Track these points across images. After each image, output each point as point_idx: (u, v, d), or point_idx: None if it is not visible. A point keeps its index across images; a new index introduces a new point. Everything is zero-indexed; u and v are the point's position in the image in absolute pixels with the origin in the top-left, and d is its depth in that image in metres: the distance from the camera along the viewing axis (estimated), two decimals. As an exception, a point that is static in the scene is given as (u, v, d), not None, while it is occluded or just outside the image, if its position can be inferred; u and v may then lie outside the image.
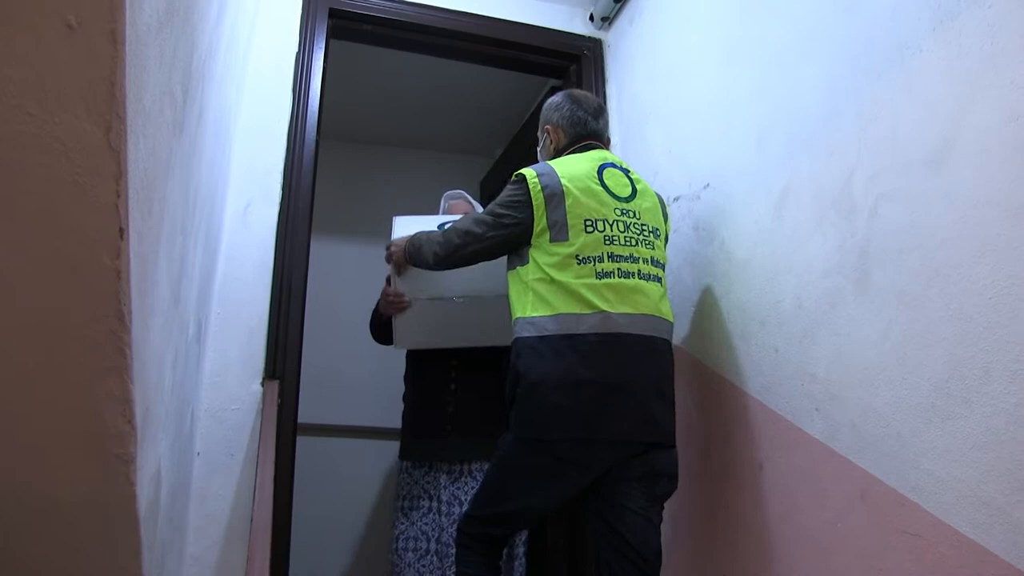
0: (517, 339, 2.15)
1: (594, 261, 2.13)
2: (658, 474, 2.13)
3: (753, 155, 2.33)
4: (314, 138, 2.90)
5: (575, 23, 3.47)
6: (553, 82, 3.59)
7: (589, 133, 2.41)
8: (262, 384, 2.59)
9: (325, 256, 3.74)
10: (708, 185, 2.52)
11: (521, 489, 2.16)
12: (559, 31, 3.42)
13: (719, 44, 2.61)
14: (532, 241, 2.19)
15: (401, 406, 3.09)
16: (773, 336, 2.14)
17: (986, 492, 1.48)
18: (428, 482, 2.85)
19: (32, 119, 1.00)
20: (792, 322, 2.08)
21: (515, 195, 2.25)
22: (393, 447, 4.17)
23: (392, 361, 4.20)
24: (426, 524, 2.80)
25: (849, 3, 1.98)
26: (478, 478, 2.80)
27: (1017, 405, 1.44)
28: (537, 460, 2.10)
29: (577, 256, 2.13)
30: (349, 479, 4.13)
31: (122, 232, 1.12)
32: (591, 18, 3.47)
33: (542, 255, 2.16)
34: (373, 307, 2.97)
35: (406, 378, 3.07)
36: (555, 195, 2.18)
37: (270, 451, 2.30)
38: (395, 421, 4.13)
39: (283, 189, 2.81)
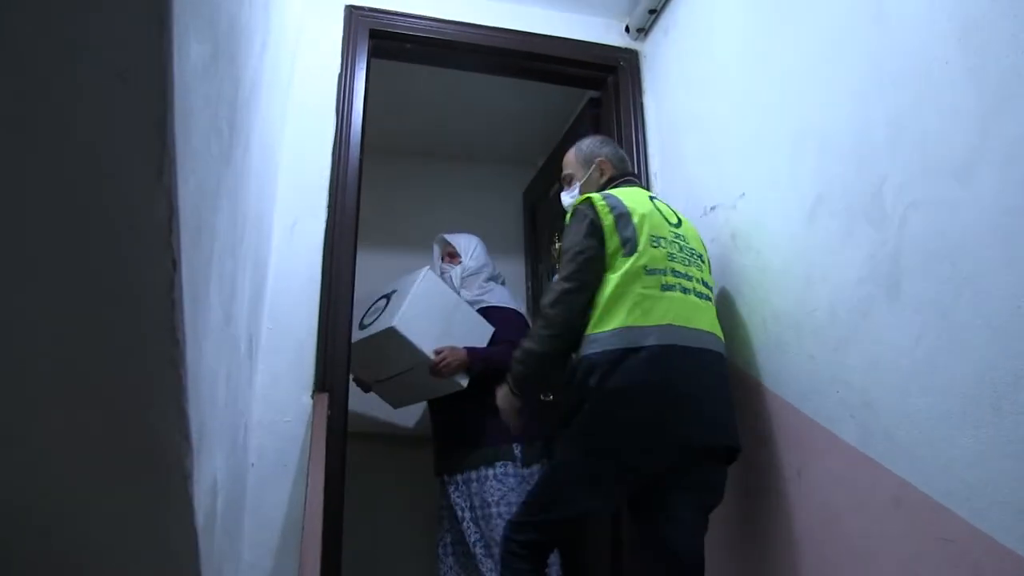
0: (583, 357, 2.19)
1: (660, 274, 2.22)
2: (711, 485, 2.23)
3: (786, 164, 2.36)
4: (358, 156, 2.99)
5: (611, 35, 3.52)
6: (591, 94, 3.63)
7: (630, 171, 2.64)
8: (312, 396, 2.68)
9: (371, 268, 3.81)
10: (744, 194, 2.55)
11: (578, 495, 2.20)
12: (595, 43, 3.46)
13: (752, 54, 2.65)
14: (607, 262, 2.25)
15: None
16: (809, 344, 2.17)
17: (1018, 498, 1.50)
18: (440, 493, 3.24)
19: (89, 161, 1.09)
20: (827, 330, 2.10)
21: (583, 225, 2.30)
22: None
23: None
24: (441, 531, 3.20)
25: (877, 14, 2.01)
26: (471, 485, 3.07)
27: (1045, 412, 1.46)
28: (600, 467, 2.16)
29: (646, 267, 2.22)
30: (398, 487, 4.20)
31: (175, 264, 1.20)
32: (627, 30, 3.52)
33: (614, 272, 2.23)
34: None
35: None
36: (623, 214, 2.28)
37: (320, 461, 2.38)
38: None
39: (328, 206, 2.90)
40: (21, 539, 1.47)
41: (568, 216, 2.41)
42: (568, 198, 2.64)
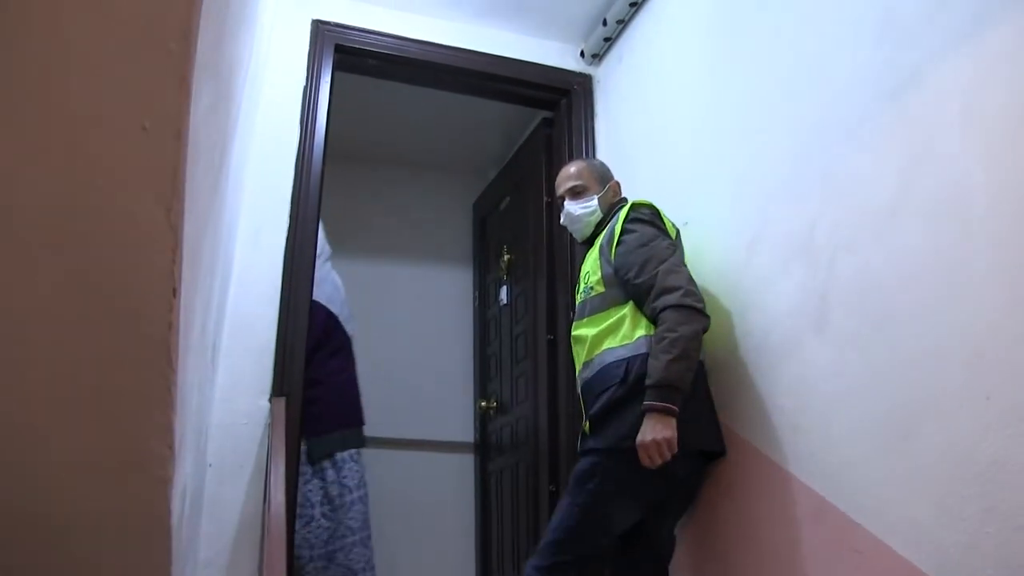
0: (640, 355, 2.28)
1: None
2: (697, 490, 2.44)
3: (728, 198, 2.54)
4: (320, 167, 3.09)
5: (567, 59, 3.67)
6: (545, 114, 3.78)
7: None
8: (270, 400, 2.78)
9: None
10: (687, 223, 2.71)
11: (620, 511, 2.30)
12: (551, 67, 3.61)
13: (701, 90, 2.82)
14: None
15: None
16: (743, 369, 2.35)
17: (917, 516, 1.70)
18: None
19: (107, 201, 1.19)
20: (760, 357, 2.28)
21: (658, 225, 2.49)
22: (393, 455, 4.38)
23: (391, 376, 4.43)
24: None
25: (818, 68, 2.20)
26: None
27: (945, 443, 1.65)
28: (643, 475, 2.22)
29: None
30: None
31: (175, 291, 1.31)
32: (582, 54, 3.67)
33: None
34: None
35: None
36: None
37: (281, 464, 2.48)
38: (400, 430, 4.35)
39: (290, 216, 3.00)
40: (10, 537, 1.56)
41: (626, 213, 2.48)
42: (580, 208, 2.63)
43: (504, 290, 4.11)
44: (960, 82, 1.73)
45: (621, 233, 2.45)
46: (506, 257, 4.11)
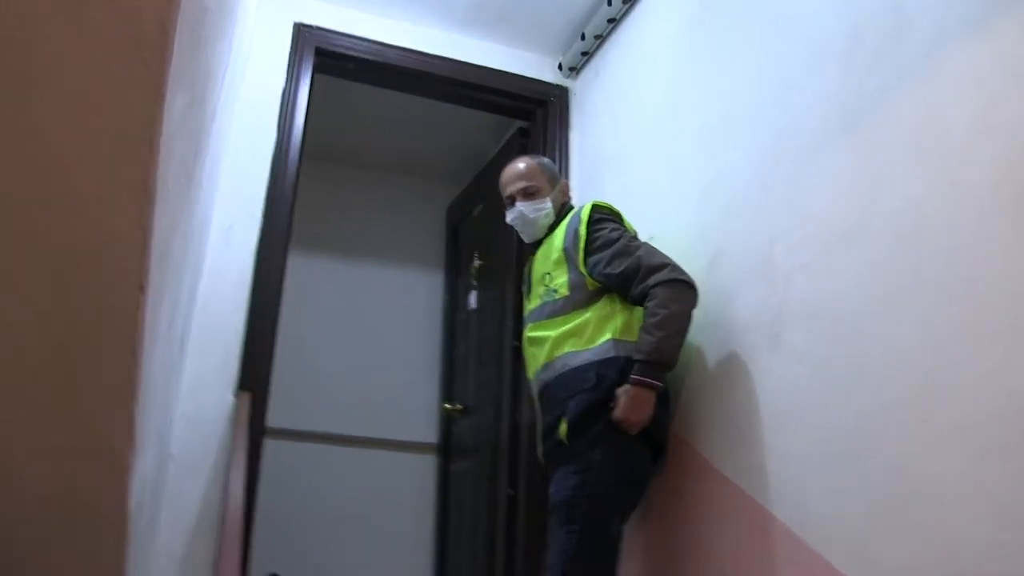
0: (608, 359, 2.32)
1: None
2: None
3: (693, 214, 2.61)
4: (296, 167, 3.13)
5: (544, 71, 3.73)
6: (520, 123, 3.84)
7: None
8: (235, 395, 2.82)
9: (297, 271, 3.92)
10: (653, 237, 2.77)
11: (617, 518, 2.31)
12: (529, 78, 3.67)
13: (671, 108, 2.89)
14: None
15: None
16: (698, 381, 2.41)
17: (855, 533, 1.77)
18: None
19: (80, 202, 1.24)
20: (715, 370, 2.35)
21: (621, 223, 2.54)
22: (361, 453, 4.39)
23: (358, 375, 4.49)
24: None
25: (783, 90, 2.27)
26: None
27: (885, 460, 1.72)
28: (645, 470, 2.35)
29: None
30: (319, 482, 4.36)
31: (142, 288, 1.35)
32: (560, 67, 3.73)
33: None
34: None
35: None
36: None
37: (242, 458, 2.52)
38: (364, 429, 4.40)
39: (264, 214, 3.04)
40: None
41: (588, 214, 2.48)
42: (534, 210, 2.62)
43: (473, 295, 4.15)
44: (917, 108, 1.80)
45: (588, 234, 2.45)
46: (477, 263, 4.16)
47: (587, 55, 3.60)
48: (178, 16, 1.12)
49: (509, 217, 2.70)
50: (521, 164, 2.73)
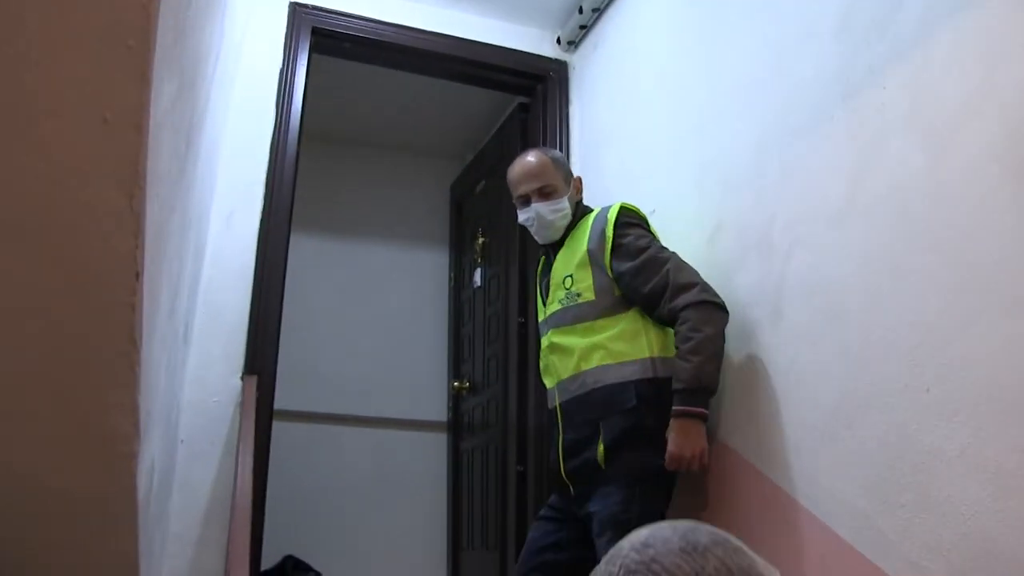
0: (648, 379, 2.22)
1: None
2: None
3: (693, 189, 2.59)
4: (295, 149, 3.12)
5: (543, 45, 3.70)
6: (521, 99, 3.81)
7: None
8: (242, 379, 2.83)
9: (301, 252, 3.92)
10: (654, 211, 2.76)
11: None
12: (528, 53, 3.64)
13: (670, 81, 2.87)
14: None
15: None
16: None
17: (858, 503, 1.77)
18: None
19: (71, 190, 1.24)
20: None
21: (648, 229, 2.43)
22: (372, 433, 4.42)
23: (367, 355, 4.51)
24: None
25: (779, 63, 2.25)
26: None
27: (885, 433, 1.72)
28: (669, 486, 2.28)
29: None
30: (331, 464, 4.39)
31: (138, 275, 1.35)
32: (558, 41, 3.70)
33: None
34: None
35: None
36: None
37: (250, 441, 2.53)
38: (375, 409, 4.42)
39: (264, 198, 3.03)
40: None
41: (616, 216, 2.36)
42: (552, 211, 2.47)
43: (478, 272, 4.16)
44: (908, 85, 1.79)
45: (614, 237, 2.32)
46: (481, 240, 4.16)
47: (585, 28, 3.56)
48: (160, 1, 1.11)
49: (522, 217, 2.54)
50: (533, 160, 2.54)
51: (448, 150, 4.96)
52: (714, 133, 2.53)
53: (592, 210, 2.49)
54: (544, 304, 2.52)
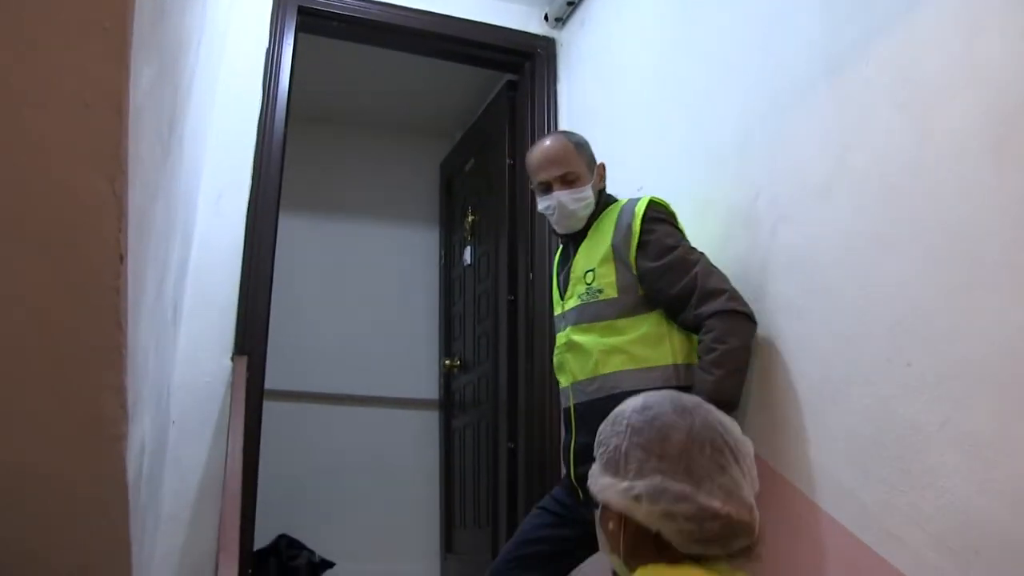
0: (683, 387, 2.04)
1: None
2: None
3: (680, 166, 2.60)
4: (283, 131, 3.12)
5: (531, 23, 3.69)
6: (509, 76, 3.81)
7: None
8: (232, 359, 2.84)
9: (291, 232, 3.93)
10: (642, 188, 2.76)
11: None
12: (515, 30, 3.63)
13: (656, 58, 2.87)
14: None
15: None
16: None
17: (841, 476, 1.79)
18: None
19: (53, 174, 1.24)
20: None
21: (677, 226, 2.27)
22: (365, 412, 4.43)
23: (359, 334, 4.52)
24: None
25: (764, 37, 2.25)
26: None
27: (868, 407, 1.74)
28: None
29: None
30: (324, 443, 4.42)
31: (122, 258, 1.36)
32: (546, 18, 3.69)
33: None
34: None
35: None
36: None
37: (240, 421, 2.55)
38: (367, 387, 4.45)
39: (252, 179, 3.03)
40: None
41: (644, 210, 2.21)
42: (576, 201, 2.32)
43: (468, 250, 4.17)
44: (895, 57, 1.79)
45: (641, 233, 2.18)
46: (471, 218, 4.17)
47: (572, 5, 3.55)
48: (136, -15, 1.11)
49: (542, 206, 2.38)
50: (555, 145, 2.39)
51: (437, 129, 4.95)
52: (700, 109, 2.54)
53: (617, 200, 2.37)
54: (561, 298, 2.39)
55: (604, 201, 2.37)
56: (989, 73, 1.56)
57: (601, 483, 1.30)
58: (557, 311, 2.42)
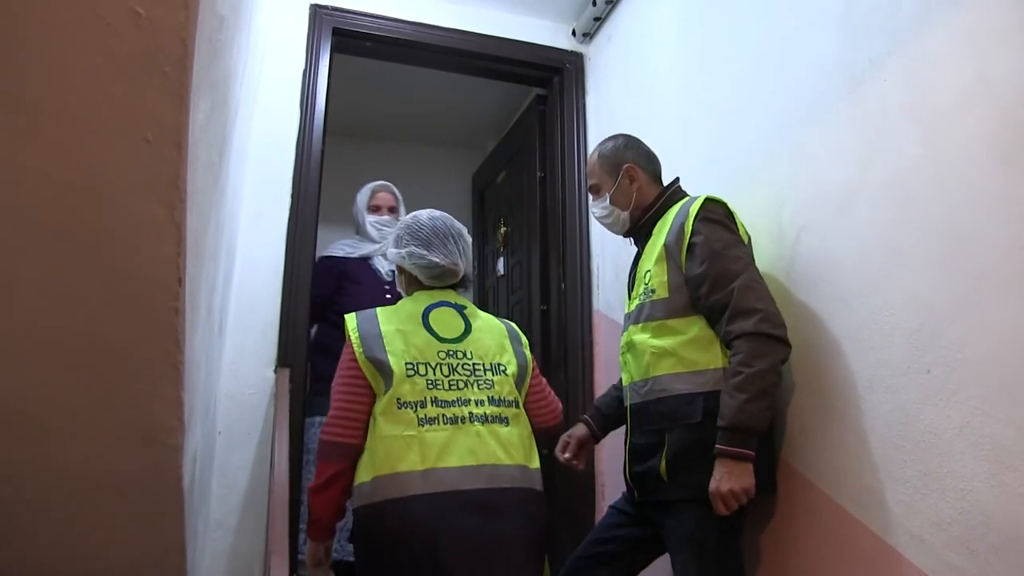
0: (717, 392, 2.05)
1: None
2: None
3: (706, 176, 2.66)
4: (320, 148, 3.23)
5: (559, 38, 3.78)
6: (538, 91, 3.90)
7: (660, 169, 2.54)
8: (275, 371, 2.95)
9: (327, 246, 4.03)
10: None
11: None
12: (544, 46, 3.73)
13: (681, 71, 2.94)
14: None
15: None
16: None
17: (865, 480, 1.85)
18: None
19: (118, 205, 1.34)
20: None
21: (731, 228, 2.20)
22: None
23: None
24: None
25: (785, 51, 2.31)
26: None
27: (890, 411, 1.80)
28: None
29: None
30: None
31: (180, 280, 1.46)
32: (573, 33, 3.78)
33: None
34: None
35: None
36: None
37: (284, 431, 2.64)
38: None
39: (292, 196, 3.14)
40: (46, 499, 1.74)
41: (697, 210, 2.18)
42: (598, 210, 2.45)
43: (501, 261, 4.24)
44: (908, 77, 1.85)
45: (692, 235, 2.16)
46: (503, 229, 4.25)
47: (599, 20, 3.64)
48: (196, 31, 1.21)
49: None
50: (590, 155, 2.54)
51: (469, 141, 5.05)
52: (724, 122, 2.61)
53: (682, 198, 2.35)
54: (629, 298, 2.42)
55: (668, 200, 2.37)
56: (999, 88, 1.61)
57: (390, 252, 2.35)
58: (626, 311, 2.43)
